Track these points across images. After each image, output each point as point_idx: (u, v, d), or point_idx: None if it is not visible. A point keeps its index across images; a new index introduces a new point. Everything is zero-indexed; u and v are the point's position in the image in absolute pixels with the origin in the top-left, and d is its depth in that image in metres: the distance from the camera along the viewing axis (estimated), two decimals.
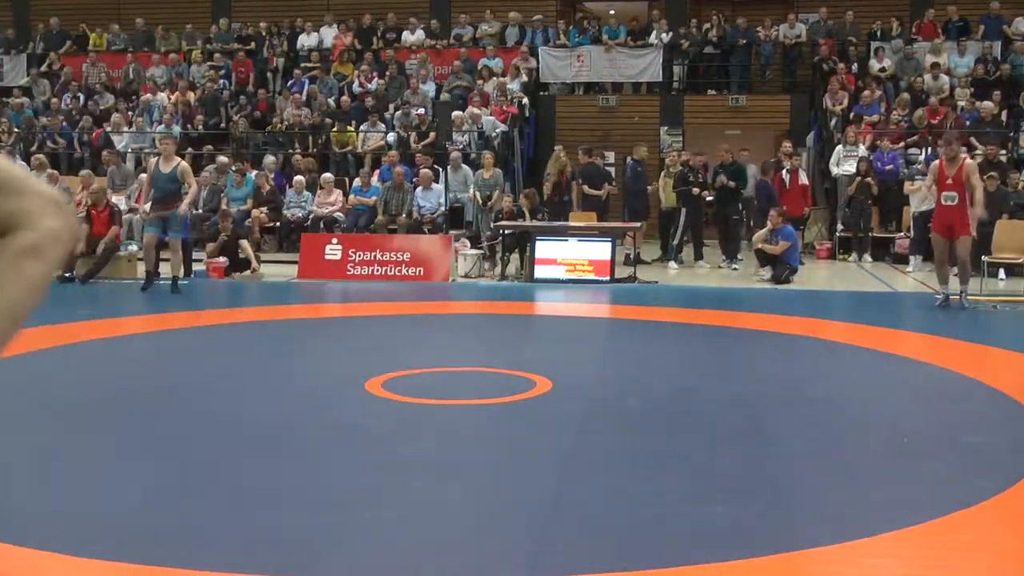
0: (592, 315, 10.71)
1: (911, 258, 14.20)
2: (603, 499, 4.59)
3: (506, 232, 13.50)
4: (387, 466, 5.11)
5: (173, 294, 11.39)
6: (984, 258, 12.09)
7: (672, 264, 14.44)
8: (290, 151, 17.18)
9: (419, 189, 14.84)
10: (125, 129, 17.94)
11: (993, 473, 4.95)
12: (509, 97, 17.78)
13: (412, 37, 20.18)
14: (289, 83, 19.21)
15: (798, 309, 10.65)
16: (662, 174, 14.99)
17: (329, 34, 20.40)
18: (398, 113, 17.48)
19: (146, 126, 17.84)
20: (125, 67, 20.28)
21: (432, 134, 16.69)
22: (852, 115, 16.84)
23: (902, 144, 16.21)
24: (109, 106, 18.95)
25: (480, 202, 15.07)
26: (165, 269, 11.88)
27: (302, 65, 19.74)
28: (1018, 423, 6.06)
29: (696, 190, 14.37)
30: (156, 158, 11.64)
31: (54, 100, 19.44)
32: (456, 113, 16.86)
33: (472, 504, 4.56)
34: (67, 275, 12.54)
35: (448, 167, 15.47)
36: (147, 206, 12.01)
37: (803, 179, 14.61)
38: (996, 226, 12.65)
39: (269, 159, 16.32)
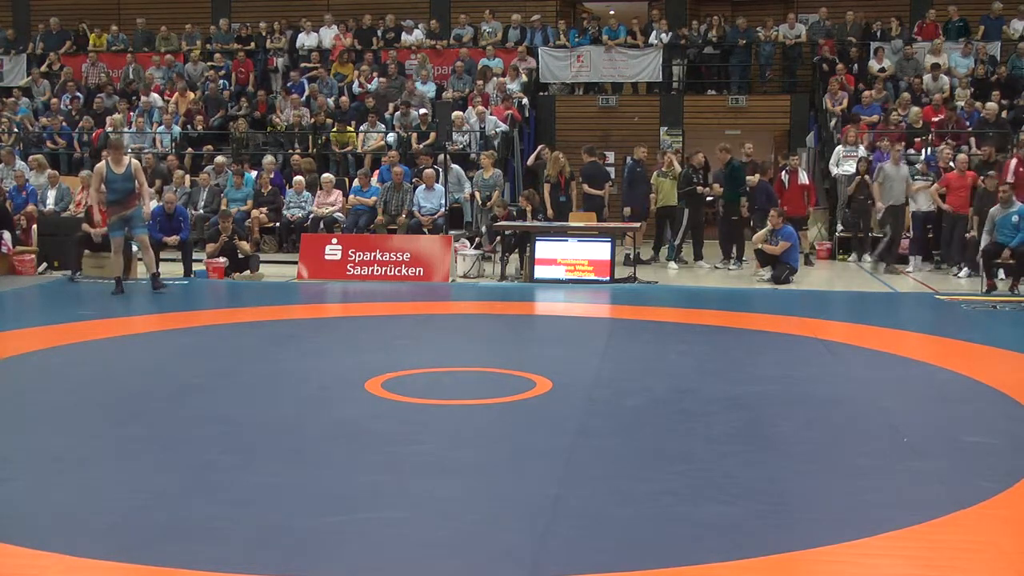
0: (592, 315, 10.71)
1: (911, 258, 14.20)
2: (603, 499, 4.59)
3: (506, 232, 13.50)
4: (387, 466, 5.11)
5: (156, 292, 11.36)
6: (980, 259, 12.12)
7: (672, 264, 14.45)
8: (290, 151, 17.19)
9: (420, 189, 14.84)
10: (125, 129, 17.94)
11: (993, 473, 4.96)
12: (511, 99, 17.80)
13: (411, 38, 20.19)
14: (289, 83, 19.21)
15: (798, 309, 10.65)
16: (655, 174, 14.99)
17: (329, 34, 20.41)
18: (397, 113, 17.49)
19: (146, 126, 17.84)
20: (125, 67, 20.28)
21: (432, 134, 16.69)
22: (850, 115, 16.84)
23: (901, 144, 16.20)
24: (110, 105, 18.93)
25: (480, 202, 15.10)
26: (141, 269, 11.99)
27: (302, 65, 19.75)
28: (1018, 423, 6.07)
29: (700, 188, 14.38)
30: (104, 162, 11.42)
31: (53, 100, 19.45)
32: (456, 113, 16.86)
33: (472, 504, 4.57)
34: (71, 277, 12.57)
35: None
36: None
37: (803, 179, 14.61)
38: None
39: (268, 159, 16.32)
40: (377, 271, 13.09)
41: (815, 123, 18.53)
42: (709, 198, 14.96)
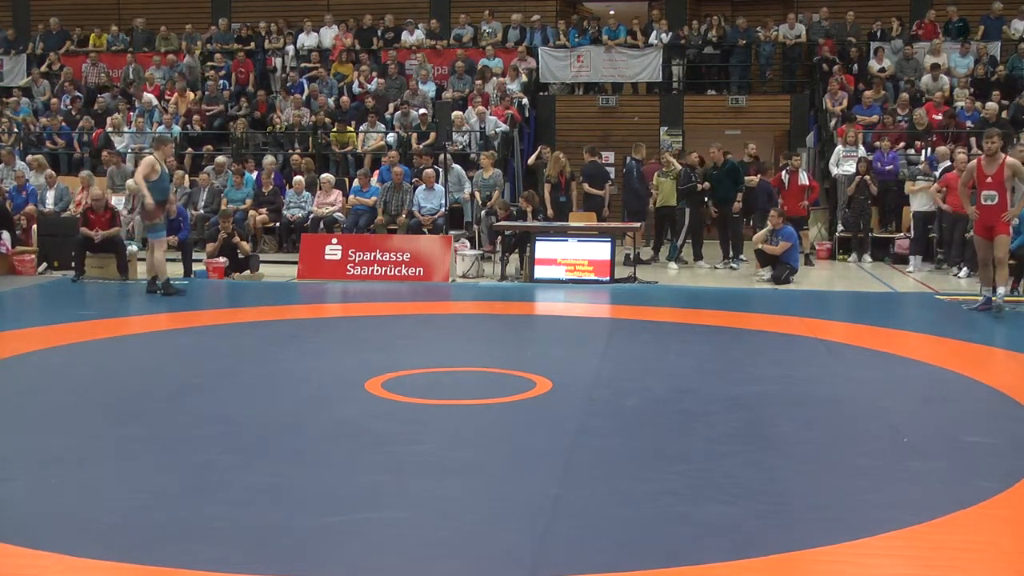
0: (592, 315, 10.71)
1: (911, 258, 14.21)
2: (603, 499, 4.59)
3: (506, 232, 13.51)
4: (387, 466, 5.11)
5: (148, 294, 11.32)
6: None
7: (672, 264, 14.45)
8: (289, 151, 17.19)
9: (420, 189, 14.84)
10: (125, 129, 17.95)
11: (993, 473, 4.95)
12: (511, 99, 17.81)
13: (411, 38, 20.20)
14: (288, 83, 19.21)
15: (798, 309, 10.65)
16: (656, 174, 15.01)
17: (329, 34, 20.42)
18: (397, 113, 17.49)
19: (146, 126, 17.84)
20: (125, 67, 20.28)
21: (432, 134, 16.69)
22: (848, 114, 16.85)
23: (901, 144, 16.23)
24: (112, 106, 18.92)
25: (480, 202, 15.11)
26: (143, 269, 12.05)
27: (301, 65, 19.75)
28: (1018, 423, 6.07)
29: (700, 186, 14.41)
30: (153, 157, 11.47)
31: (53, 100, 19.45)
32: (456, 113, 16.87)
33: (472, 504, 4.56)
34: (75, 279, 12.59)
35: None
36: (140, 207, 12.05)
37: (803, 179, 14.62)
38: None
39: (268, 159, 16.33)
40: (377, 271, 13.09)
41: (815, 123, 18.54)
42: (707, 198, 14.94)
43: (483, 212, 14.91)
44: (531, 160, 16.51)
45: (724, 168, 14.50)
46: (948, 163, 14.29)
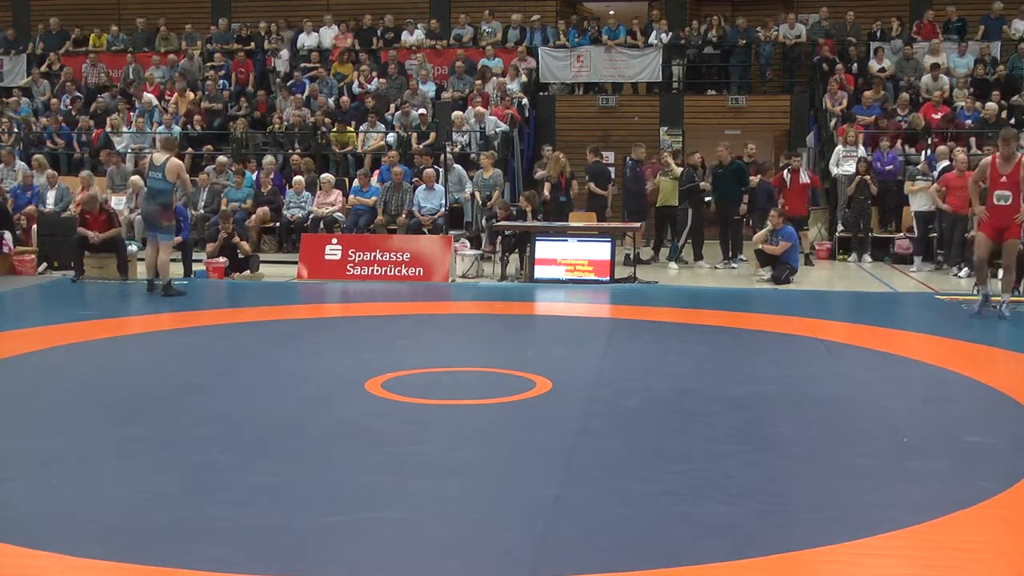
0: (592, 315, 10.71)
1: (915, 259, 14.20)
2: (603, 499, 4.59)
3: (506, 232, 13.51)
4: (387, 466, 5.11)
5: (165, 296, 11.31)
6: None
7: (672, 264, 14.45)
8: (289, 151, 17.19)
9: (420, 189, 14.84)
10: (125, 129, 17.95)
11: (993, 473, 4.96)
12: (511, 98, 17.81)
13: (411, 38, 20.20)
14: (289, 83, 19.22)
15: (798, 309, 10.65)
16: (659, 174, 15.01)
17: (329, 34, 20.42)
18: (398, 113, 17.49)
19: (146, 126, 17.84)
20: (125, 67, 20.28)
21: (432, 134, 16.69)
22: (848, 114, 16.85)
23: (899, 142, 16.22)
24: (111, 106, 18.91)
25: (481, 202, 15.11)
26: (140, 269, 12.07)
27: (301, 65, 19.76)
28: (1018, 423, 6.07)
29: (703, 185, 14.40)
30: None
31: (53, 100, 19.45)
32: (456, 113, 16.87)
33: (472, 504, 4.57)
34: (75, 279, 12.57)
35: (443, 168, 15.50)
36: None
37: (804, 178, 14.62)
38: None
39: (268, 159, 16.33)
40: (377, 271, 13.09)
41: (815, 123, 18.54)
42: (708, 198, 14.95)
43: (484, 219, 14.89)
44: (538, 174, 16.49)
45: (730, 168, 14.48)
46: (947, 163, 14.29)
